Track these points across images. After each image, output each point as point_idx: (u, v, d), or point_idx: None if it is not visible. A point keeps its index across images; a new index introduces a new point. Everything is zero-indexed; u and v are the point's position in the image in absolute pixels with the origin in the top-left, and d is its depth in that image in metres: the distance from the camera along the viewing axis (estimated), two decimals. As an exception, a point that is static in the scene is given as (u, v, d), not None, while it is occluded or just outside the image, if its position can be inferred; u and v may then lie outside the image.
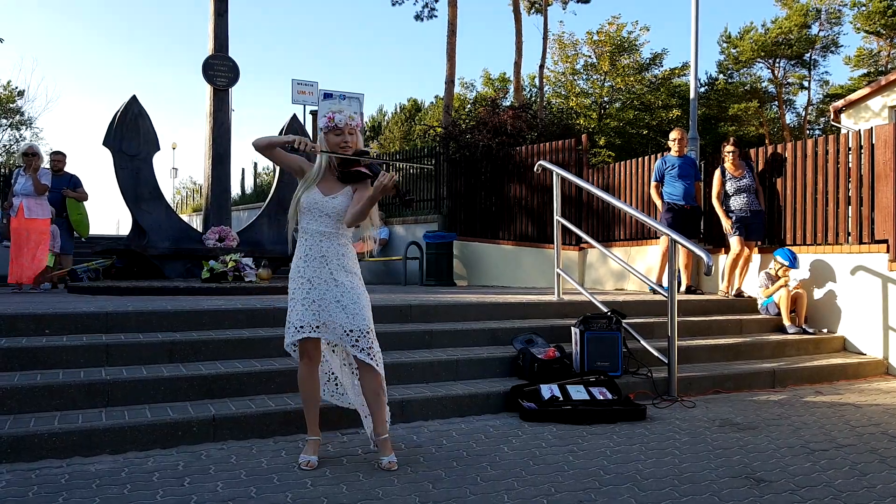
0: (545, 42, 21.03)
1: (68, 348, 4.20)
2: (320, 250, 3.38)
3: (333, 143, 3.39)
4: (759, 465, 3.54)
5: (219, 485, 3.10)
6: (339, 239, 3.41)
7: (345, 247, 3.44)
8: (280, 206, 9.31)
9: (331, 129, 3.40)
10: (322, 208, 3.39)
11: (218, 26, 8.83)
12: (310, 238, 3.40)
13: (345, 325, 3.33)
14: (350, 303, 3.35)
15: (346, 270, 3.40)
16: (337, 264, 3.38)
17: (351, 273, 3.42)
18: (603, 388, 4.74)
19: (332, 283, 3.35)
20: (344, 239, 3.44)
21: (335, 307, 3.33)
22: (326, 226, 3.39)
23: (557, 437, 4.01)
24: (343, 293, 3.35)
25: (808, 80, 29.33)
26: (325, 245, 3.39)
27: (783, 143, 7.65)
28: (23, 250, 7.69)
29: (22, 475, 3.18)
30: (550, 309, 6.26)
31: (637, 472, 3.41)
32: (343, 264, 3.40)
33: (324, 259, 3.38)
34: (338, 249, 3.40)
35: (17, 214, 7.72)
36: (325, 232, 3.39)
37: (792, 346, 6.31)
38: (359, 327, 3.34)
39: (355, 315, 3.33)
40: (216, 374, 4.17)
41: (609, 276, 9.22)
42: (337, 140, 3.39)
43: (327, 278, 3.36)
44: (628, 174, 9.17)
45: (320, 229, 3.39)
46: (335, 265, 3.38)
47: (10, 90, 26.81)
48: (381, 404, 3.43)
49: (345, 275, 3.39)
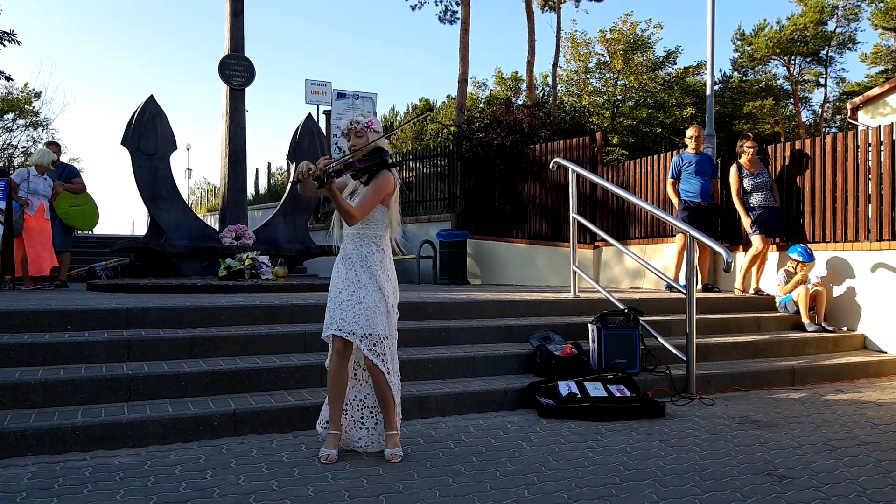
0: (558, 40, 20.99)
1: (90, 343, 4.24)
2: (346, 251, 3.55)
3: (349, 147, 3.56)
4: (780, 462, 3.52)
5: (240, 478, 3.12)
6: (363, 239, 3.51)
7: (368, 247, 3.50)
8: (295, 204, 9.36)
9: (344, 136, 3.60)
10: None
11: (234, 26, 8.89)
12: (345, 240, 3.57)
13: (363, 327, 3.38)
14: (371, 306, 3.42)
15: (369, 272, 3.46)
16: (360, 265, 3.48)
17: (374, 274, 3.47)
18: (621, 385, 4.72)
19: (357, 283, 3.45)
20: (369, 239, 3.51)
21: (357, 308, 3.41)
22: (350, 227, 3.52)
23: (576, 434, 4.00)
24: (364, 296, 3.43)
25: (824, 78, 29.10)
26: (350, 246, 3.53)
27: (801, 140, 7.60)
28: (46, 247, 7.84)
29: (47, 467, 3.21)
30: (567, 306, 6.25)
31: (658, 468, 3.40)
32: (367, 265, 3.48)
33: (349, 260, 3.51)
34: (361, 250, 3.50)
35: (37, 214, 7.82)
36: (349, 234, 3.53)
37: (811, 344, 6.26)
38: (372, 332, 3.39)
39: (370, 319, 3.39)
40: (235, 369, 4.19)
41: (624, 274, 9.19)
42: (348, 144, 3.57)
43: (353, 279, 3.46)
44: (644, 172, 9.14)
45: (348, 231, 3.54)
46: (359, 267, 3.48)
47: (27, 92, 27.07)
48: (390, 405, 3.49)
49: (367, 276, 3.46)
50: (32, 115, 26.85)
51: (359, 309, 3.40)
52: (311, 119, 9.55)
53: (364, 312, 3.39)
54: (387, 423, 3.52)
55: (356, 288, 3.44)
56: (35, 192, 7.85)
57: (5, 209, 7.37)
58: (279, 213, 9.30)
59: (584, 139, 10.07)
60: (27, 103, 26.95)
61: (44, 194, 7.94)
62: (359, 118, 3.55)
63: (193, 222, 8.78)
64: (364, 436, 3.60)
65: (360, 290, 3.43)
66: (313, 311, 5.26)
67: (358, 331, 3.38)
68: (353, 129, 3.54)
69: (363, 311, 3.39)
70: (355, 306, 3.41)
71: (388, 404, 3.48)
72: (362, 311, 3.39)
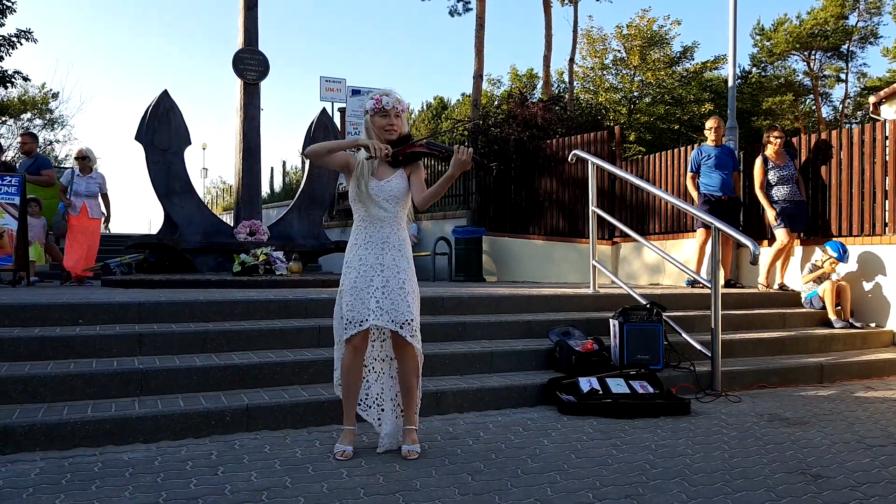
0: (575, 34, 20.81)
1: (101, 337, 4.16)
2: (382, 236, 3.32)
3: (379, 126, 3.33)
4: (814, 461, 3.37)
5: (253, 474, 3.03)
6: (398, 223, 3.36)
7: (405, 232, 3.40)
8: (310, 200, 9.27)
9: (377, 112, 3.34)
10: (379, 193, 3.32)
11: (248, 19, 8.81)
12: (370, 225, 3.33)
13: (404, 314, 3.24)
14: (411, 291, 3.32)
15: (406, 258, 3.35)
16: (398, 251, 3.32)
17: (411, 261, 3.38)
18: (644, 381, 4.58)
19: (395, 269, 3.29)
20: (403, 223, 3.40)
21: (398, 294, 3.25)
22: (386, 211, 3.32)
23: (599, 431, 3.87)
24: (405, 281, 3.29)
25: (845, 73, 28.64)
26: (386, 231, 3.33)
27: (828, 131, 7.40)
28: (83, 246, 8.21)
29: (55, 463, 3.13)
30: (586, 301, 6.12)
31: (685, 466, 3.26)
32: (404, 252, 3.35)
33: (386, 244, 3.31)
34: (399, 234, 3.35)
35: (80, 214, 8.26)
36: (384, 217, 3.33)
37: (839, 341, 6.08)
38: (413, 317, 3.29)
39: (411, 305, 3.28)
40: (249, 364, 4.10)
41: (643, 270, 9.03)
42: (382, 123, 3.33)
43: (390, 264, 3.29)
44: (663, 166, 8.97)
45: (380, 215, 3.32)
46: (397, 252, 3.32)
47: (45, 93, 27.23)
48: (415, 397, 3.38)
49: (406, 262, 3.34)
50: (49, 114, 27.00)
51: (400, 295, 3.24)
52: (326, 114, 9.46)
53: (405, 298, 3.25)
54: (408, 417, 3.39)
55: (394, 273, 3.27)
56: (77, 193, 8.26)
57: (19, 205, 7.33)
58: (293, 208, 9.22)
59: (602, 133, 9.93)
60: (44, 103, 27.13)
61: (86, 194, 8.32)
62: (400, 97, 3.35)
63: (208, 218, 8.72)
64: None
65: (398, 274, 3.28)
66: (328, 306, 5.12)
67: (399, 318, 3.24)
68: (396, 109, 3.34)
69: (404, 296, 3.25)
70: (395, 292, 3.24)
71: (413, 396, 3.37)
72: (403, 297, 3.25)
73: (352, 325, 3.25)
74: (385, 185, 3.33)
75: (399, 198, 3.34)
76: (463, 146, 3.18)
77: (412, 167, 3.39)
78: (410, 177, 3.38)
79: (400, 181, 3.35)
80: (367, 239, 3.32)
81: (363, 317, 3.23)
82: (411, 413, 3.39)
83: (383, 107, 3.31)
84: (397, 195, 3.34)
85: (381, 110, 3.32)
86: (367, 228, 3.34)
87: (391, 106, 3.32)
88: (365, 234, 3.34)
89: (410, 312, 3.25)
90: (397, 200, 3.34)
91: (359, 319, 3.23)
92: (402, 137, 3.36)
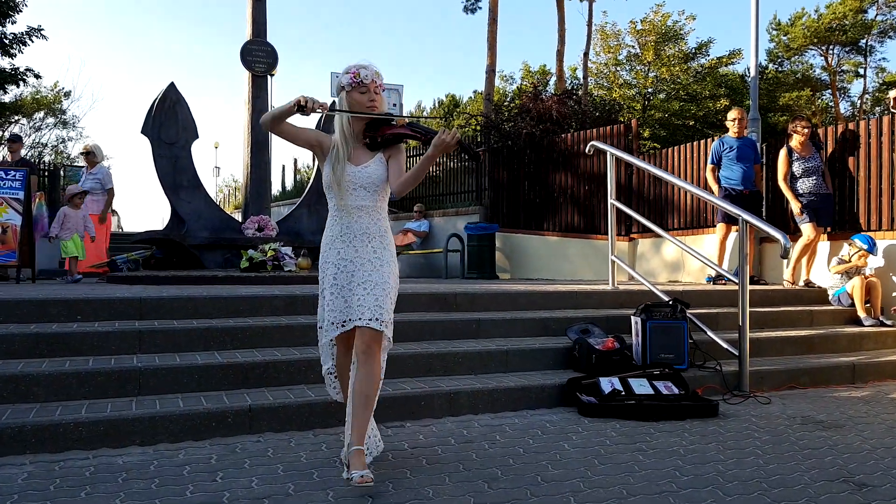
0: (590, 28, 20.52)
1: (99, 334, 3.98)
2: (360, 227, 2.97)
3: (358, 103, 2.96)
4: (856, 468, 3.13)
5: (254, 480, 2.83)
6: (378, 213, 3.02)
7: (385, 222, 3.06)
8: (319, 195, 9.06)
9: (355, 87, 2.96)
10: (356, 180, 2.97)
11: (256, 10, 8.63)
12: (346, 215, 2.98)
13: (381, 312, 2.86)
14: (394, 286, 2.99)
15: (390, 251, 3.02)
16: (379, 242, 2.99)
17: (392, 253, 3.05)
18: (668, 381, 4.35)
19: (377, 262, 2.94)
20: (383, 213, 3.05)
21: (377, 290, 2.89)
22: (363, 199, 2.98)
23: (622, 434, 3.65)
24: (388, 276, 2.95)
25: (863, 68, 28.15)
26: (364, 221, 2.98)
27: (856, 121, 7.13)
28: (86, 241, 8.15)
29: (45, 467, 2.94)
30: (605, 298, 5.88)
31: (718, 473, 3.03)
32: (385, 243, 3.01)
33: (366, 236, 2.97)
34: (379, 225, 3.01)
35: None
36: (363, 206, 2.98)
37: (870, 339, 5.82)
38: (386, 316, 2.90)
39: (392, 301, 2.96)
40: (253, 362, 3.91)
41: (662, 267, 8.78)
42: (362, 99, 2.96)
43: (371, 257, 2.94)
44: (682, 160, 8.72)
45: (357, 203, 2.97)
46: (377, 243, 2.98)
47: (57, 91, 27.23)
48: (371, 408, 2.91)
49: (388, 255, 3.00)
50: (61, 113, 27.02)
51: (382, 291, 2.89)
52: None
53: (387, 294, 2.91)
54: (357, 433, 2.84)
55: (376, 266, 2.92)
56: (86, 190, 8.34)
57: (24, 200, 7.18)
58: (302, 203, 9.03)
59: (618, 127, 9.68)
60: (57, 102, 27.13)
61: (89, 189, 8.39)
62: (378, 70, 3.00)
63: (216, 213, 8.55)
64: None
65: (381, 268, 2.94)
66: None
67: (386, 317, 2.87)
68: (376, 83, 2.99)
69: (386, 293, 2.91)
70: (377, 288, 2.89)
71: (370, 407, 2.90)
72: (385, 294, 2.90)
73: (334, 326, 2.93)
74: (362, 171, 2.97)
75: (378, 185, 3.00)
76: (448, 129, 2.86)
77: (392, 151, 3.03)
78: (389, 161, 3.03)
79: (379, 166, 3.00)
80: (344, 231, 2.98)
81: (346, 316, 2.89)
82: (362, 427, 2.87)
83: (362, 80, 2.95)
84: (376, 182, 2.99)
85: (359, 84, 2.96)
86: (344, 219, 2.99)
87: (370, 79, 2.96)
88: (340, 225, 2.99)
89: (389, 310, 2.92)
90: (376, 188, 2.99)
91: (341, 320, 2.90)
92: (379, 120, 3.01)
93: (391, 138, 3.00)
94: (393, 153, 3.03)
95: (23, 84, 16.51)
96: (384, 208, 3.06)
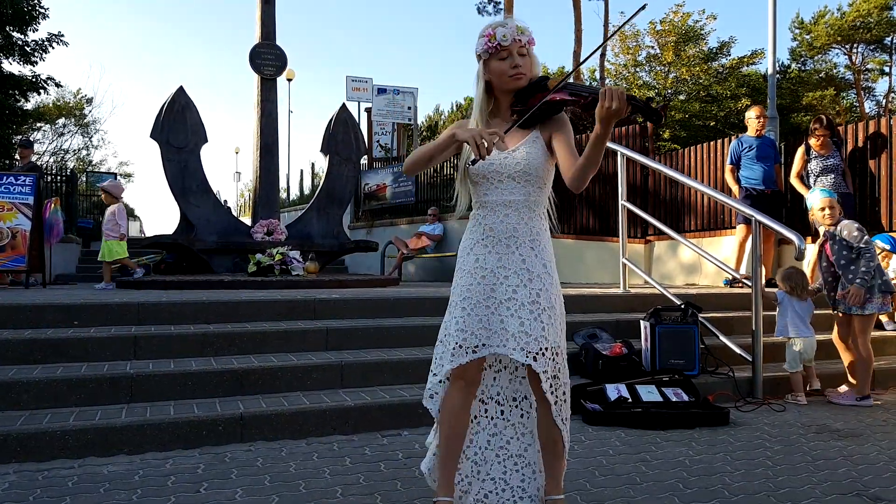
0: (606, 29, 20.33)
1: (94, 340, 3.93)
2: (507, 228, 2.31)
3: (498, 73, 2.31)
4: (870, 480, 2.97)
5: (238, 492, 2.73)
6: (531, 211, 2.34)
7: (542, 221, 2.37)
8: (329, 198, 9.02)
9: (493, 53, 2.30)
10: (502, 169, 2.31)
11: (265, 13, 8.59)
12: (490, 213, 2.33)
13: (537, 340, 2.21)
14: (548, 308, 2.26)
15: (542, 260, 2.31)
16: (530, 249, 2.31)
17: (549, 263, 2.34)
18: (678, 388, 4.20)
19: (525, 274, 2.28)
20: (540, 209, 2.37)
21: (529, 311, 2.24)
22: (513, 192, 2.32)
23: (626, 444, 3.51)
24: (540, 292, 2.27)
25: (889, 66, 27.63)
26: (513, 221, 2.31)
27: (876, 118, 6.91)
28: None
29: (29, 476, 2.88)
30: (616, 302, 5.74)
31: (724, 485, 2.89)
32: (538, 250, 2.32)
33: (512, 240, 2.31)
34: (532, 226, 2.33)
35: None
36: (511, 201, 2.31)
37: (891, 344, 5.62)
38: (552, 344, 2.24)
39: (546, 327, 2.24)
40: (248, 368, 3.83)
41: (678, 270, 8.59)
42: (503, 67, 2.29)
43: (517, 268, 2.29)
44: (700, 160, 8.54)
45: (504, 199, 2.32)
46: (527, 249, 2.31)
47: (80, 98, 27.60)
48: (560, 454, 2.34)
49: (542, 265, 2.31)
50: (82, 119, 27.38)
51: (532, 312, 2.24)
52: (346, 109, 9.19)
53: (540, 317, 2.23)
54: (551, 483, 2.35)
55: (524, 281, 2.27)
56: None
57: (34, 205, 7.20)
58: (313, 206, 8.97)
59: (633, 128, 9.52)
60: (79, 108, 27.49)
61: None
62: (523, 25, 2.30)
63: (224, 217, 8.52)
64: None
65: (530, 283, 2.27)
66: (338, 307, 4.88)
67: (533, 345, 2.21)
68: (520, 41, 2.29)
69: (539, 314, 2.24)
70: (523, 308, 2.24)
71: (560, 452, 2.33)
72: (537, 316, 2.23)
73: (463, 350, 2.26)
74: (510, 157, 2.31)
75: (534, 173, 2.31)
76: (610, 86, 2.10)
77: (553, 125, 2.33)
78: (553, 141, 2.32)
79: (533, 149, 2.32)
80: (487, 233, 2.33)
81: (480, 340, 2.27)
82: (556, 474, 2.35)
83: (499, 43, 2.27)
84: (531, 169, 2.31)
85: (496, 49, 2.28)
86: (487, 218, 2.33)
87: (511, 39, 2.27)
88: (483, 226, 2.34)
89: (546, 338, 2.22)
90: (529, 177, 2.31)
91: (473, 343, 2.27)
92: (532, 84, 2.31)
93: (547, 109, 2.28)
94: (556, 129, 2.33)
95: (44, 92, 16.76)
96: (542, 203, 2.38)
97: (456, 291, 2.37)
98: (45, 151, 26.00)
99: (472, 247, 2.37)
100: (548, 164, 2.36)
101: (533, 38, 2.32)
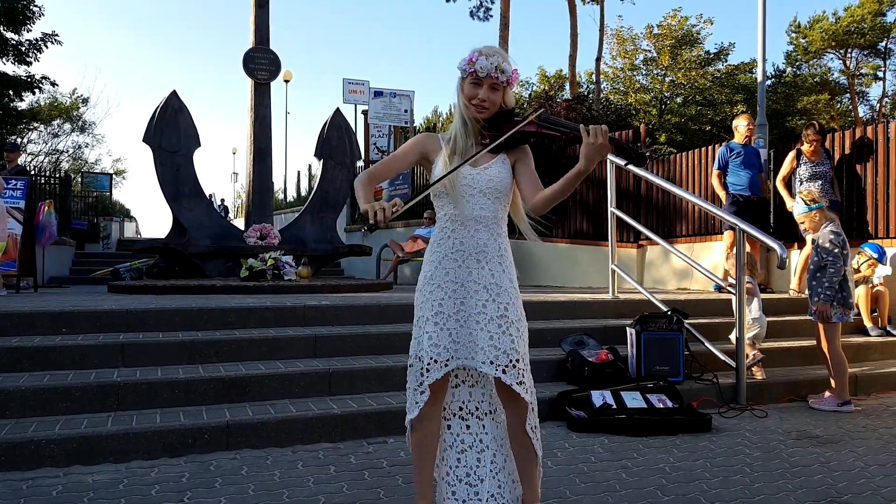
0: (602, 33, 20.39)
1: (81, 347, 3.96)
2: (476, 244, 2.35)
3: (467, 96, 2.37)
4: (845, 487, 3.01)
5: (222, 501, 2.77)
6: (498, 227, 2.39)
7: (506, 238, 2.43)
8: (323, 201, 9.05)
9: (468, 75, 2.35)
10: (474, 184, 2.34)
11: (259, 17, 8.63)
12: (460, 227, 2.36)
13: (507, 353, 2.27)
14: (515, 321, 2.32)
15: (509, 275, 2.38)
16: (498, 264, 2.36)
17: (513, 278, 2.40)
18: (662, 394, 4.24)
19: (495, 289, 2.32)
20: (504, 227, 2.43)
21: (498, 324, 2.29)
22: (483, 208, 2.35)
23: (609, 451, 3.55)
24: (508, 306, 2.32)
25: (882, 71, 27.70)
26: (482, 236, 2.35)
27: (863, 126, 6.97)
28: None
29: (13, 486, 2.91)
30: (604, 308, 5.78)
31: (701, 492, 2.93)
32: (505, 266, 2.38)
33: (482, 255, 2.35)
34: (498, 242, 2.38)
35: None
36: (481, 217, 2.35)
37: (875, 350, 5.66)
38: (517, 357, 2.29)
39: (515, 339, 2.30)
40: (235, 376, 3.86)
41: (671, 274, 8.63)
42: (471, 93, 2.35)
43: (487, 283, 2.33)
44: (691, 166, 8.58)
45: (475, 214, 2.34)
46: (496, 265, 2.35)
47: (76, 98, 27.58)
48: (534, 461, 2.39)
49: (508, 280, 2.36)
50: (78, 119, 27.36)
51: (501, 326, 2.29)
52: (340, 114, 9.22)
53: (508, 330, 2.29)
54: (528, 492, 2.40)
55: (493, 296, 2.32)
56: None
57: (25, 209, 7.22)
58: (306, 210, 9.00)
59: (626, 133, 9.56)
60: (75, 109, 27.47)
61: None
62: (504, 63, 2.33)
63: (217, 222, 8.55)
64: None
65: (498, 298, 2.32)
66: (327, 313, 4.92)
67: (502, 359, 2.26)
68: (494, 79, 2.33)
69: (507, 328, 2.29)
70: (492, 322, 2.29)
71: (532, 460, 2.38)
72: (505, 330, 2.29)
73: (438, 365, 2.30)
74: (482, 174, 2.35)
75: (503, 190, 2.37)
76: (594, 125, 2.17)
77: (518, 153, 2.41)
78: (516, 166, 2.41)
79: (503, 168, 2.39)
80: (456, 247, 2.36)
81: (450, 353, 2.32)
82: (533, 483, 2.40)
83: (475, 70, 2.32)
84: (500, 187, 2.36)
85: (472, 74, 2.33)
86: (457, 232, 2.36)
87: (486, 73, 2.31)
88: (452, 239, 2.37)
89: (516, 350, 2.28)
90: (499, 193, 2.37)
91: (445, 357, 2.31)
92: (501, 113, 2.38)
93: (519, 138, 2.37)
94: (520, 156, 2.42)
95: (38, 91, 16.75)
96: (504, 222, 2.44)
97: (426, 306, 2.37)
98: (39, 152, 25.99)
99: (440, 260, 2.39)
100: (512, 185, 2.43)
101: (514, 77, 2.37)
